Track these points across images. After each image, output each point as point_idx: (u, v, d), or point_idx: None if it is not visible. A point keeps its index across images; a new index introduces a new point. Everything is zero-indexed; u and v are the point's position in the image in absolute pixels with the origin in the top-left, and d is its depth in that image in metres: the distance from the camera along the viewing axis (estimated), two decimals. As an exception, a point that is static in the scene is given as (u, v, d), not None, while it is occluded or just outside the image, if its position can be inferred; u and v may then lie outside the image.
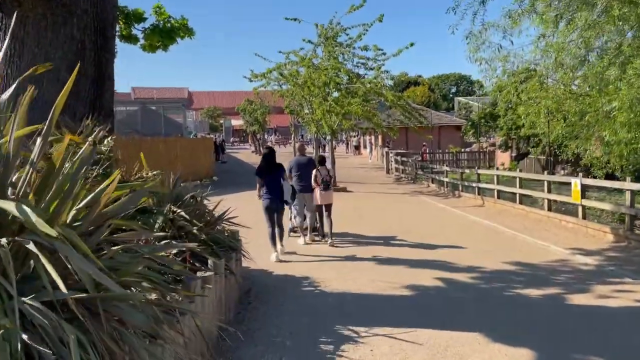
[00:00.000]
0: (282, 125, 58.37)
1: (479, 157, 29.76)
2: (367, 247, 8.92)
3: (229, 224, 6.16)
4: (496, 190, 15.00)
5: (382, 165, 31.56)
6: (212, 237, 5.22)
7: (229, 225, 6.22)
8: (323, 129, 20.58)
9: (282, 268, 7.50)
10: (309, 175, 9.08)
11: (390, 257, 8.16)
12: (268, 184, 8.05)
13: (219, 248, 5.13)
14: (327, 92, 19.26)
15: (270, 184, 8.05)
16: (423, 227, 11.28)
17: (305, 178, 9.09)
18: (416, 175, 23.31)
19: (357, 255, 8.33)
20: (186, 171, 22.31)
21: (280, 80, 20.80)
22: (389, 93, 18.08)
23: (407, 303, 5.78)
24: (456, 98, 68.57)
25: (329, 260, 7.99)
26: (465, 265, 7.54)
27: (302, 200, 9.14)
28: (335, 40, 19.86)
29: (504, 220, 12.22)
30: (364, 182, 23.42)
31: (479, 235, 10.32)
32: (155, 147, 20.20)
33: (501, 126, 21.93)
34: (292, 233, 9.79)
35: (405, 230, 10.59)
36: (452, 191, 18.51)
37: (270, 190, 8.04)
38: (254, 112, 41.12)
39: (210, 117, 65.57)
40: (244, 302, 5.79)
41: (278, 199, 8.08)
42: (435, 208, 15.11)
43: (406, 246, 9.01)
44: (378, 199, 17.58)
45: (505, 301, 5.84)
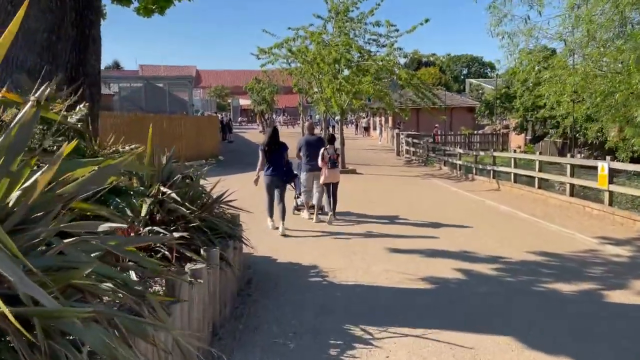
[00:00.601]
0: (290, 106, 57.58)
1: (492, 140, 28.92)
2: (379, 233, 8.31)
3: (229, 207, 5.55)
4: (513, 173, 14.29)
5: (392, 147, 30.82)
6: (208, 223, 4.62)
7: (229, 209, 5.61)
8: (332, 109, 19.87)
9: (287, 254, 6.92)
10: (318, 154, 9.05)
11: (404, 243, 7.55)
12: (271, 161, 8.28)
13: (214, 235, 4.53)
14: (337, 69, 18.50)
15: (273, 161, 8.28)
16: (437, 211, 10.64)
17: (314, 157, 9.09)
18: (428, 157, 22.58)
19: (369, 241, 7.72)
20: (191, 150, 21.80)
21: (288, 57, 20.06)
22: (403, 71, 17.26)
23: (426, 299, 5.17)
24: (467, 80, 67.25)
25: (337, 242, 7.40)
26: (486, 255, 6.92)
27: (311, 179, 9.20)
28: (346, 15, 19.02)
29: (522, 205, 11.55)
30: (373, 164, 22.75)
31: (498, 221, 9.67)
32: (158, 125, 19.58)
33: (517, 107, 21.09)
34: (295, 211, 9.88)
35: (418, 215, 9.96)
36: (465, 174, 17.81)
37: (273, 167, 8.28)
38: (261, 91, 40.39)
39: (218, 96, 64.78)
40: (243, 293, 5.21)
41: (280, 176, 8.34)
42: (448, 192, 14.45)
43: (420, 232, 8.39)
44: (388, 181, 16.93)
45: (537, 298, 5.22)
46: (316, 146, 9.17)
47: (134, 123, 18.56)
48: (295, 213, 9.82)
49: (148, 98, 22.91)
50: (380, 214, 10.08)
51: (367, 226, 8.87)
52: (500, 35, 10.26)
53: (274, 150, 8.32)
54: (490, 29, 10.19)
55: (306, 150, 9.15)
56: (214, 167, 21.61)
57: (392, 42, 18.36)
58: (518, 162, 14.67)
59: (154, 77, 23.56)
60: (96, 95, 5.49)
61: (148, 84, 23.17)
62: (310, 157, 9.11)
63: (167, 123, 20.03)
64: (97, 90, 5.54)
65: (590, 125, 14.73)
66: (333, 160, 9.19)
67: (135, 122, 18.62)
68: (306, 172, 9.16)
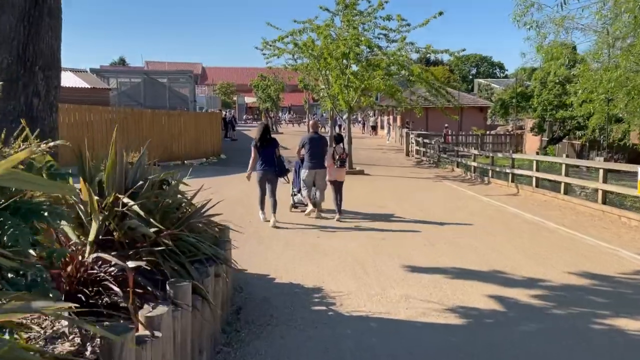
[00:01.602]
0: (296, 104, 56.67)
1: (505, 141, 27.79)
2: (392, 245, 7.27)
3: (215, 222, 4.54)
4: (535, 177, 13.20)
5: (400, 147, 29.76)
6: (184, 243, 3.60)
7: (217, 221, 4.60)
8: (340, 106, 18.83)
9: (287, 272, 5.89)
10: (320, 153, 9.13)
11: (423, 259, 6.51)
12: (262, 156, 8.52)
13: (191, 259, 3.51)
14: (346, 65, 17.46)
15: (264, 156, 8.51)
16: (456, 219, 9.58)
17: (316, 155, 9.10)
18: (439, 158, 21.49)
19: (381, 256, 6.68)
20: (190, 148, 20.83)
21: (294, 52, 19.04)
22: (415, 66, 16.16)
23: (459, 340, 4.12)
24: (476, 80, 65.98)
25: (346, 257, 6.37)
26: (521, 276, 5.86)
27: (311, 177, 9.15)
28: (355, 8, 17.98)
29: (549, 213, 10.47)
30: (382, 165, 21.70)
31: (525, 232, 8.59)
32: (157, 121, 18.64)
33: (535, 107, 19.96)
34: (293, 209, 9.89)
35: (435, 223, 8.92)
36: (480, 177, 16.72)
37: (264, 162, 8.51)
38: (267, 89, 39.39)
39: (223, 93, 63.86)
40: (229, 330, 4.18)
41: (272, 171, 8.55)
42: (464, 196, 13.36)
43: (441, 245, 7.34)
44: (399, 183, 15.87)
45: (599, 341, 4.17)
46: (319, 145, 9.17)
47: (130, 118, 17.60)
48: (292, 210, 9.81)
49: (147, 93, 21.95)
50: (392, 222, 9.05)
51: (378, 236, 7.84)
52: (528, 25, 9.21)
53: (265, 146, 8.55)
54: (516, 19, 9.09)
55: (309, 148, 9.08)
56: (214, 166, 20.70)
57: (403, 36, 17.30)
58: (541, 165, 13.56)
59: (154, 72, 22.61)
60: (53, 80, 4.49)
61: (148, 79, 22.21)
62: (312, 155, 9.07)
63: (166, 119, 19.05)
64: (56, 75, 4.54)
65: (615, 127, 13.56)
66: (342, 159, 9.40)
67: (132, 118, 17.66)
68: (307, 169, 9.10)
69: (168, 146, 19.02)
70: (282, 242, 7.40)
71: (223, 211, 8.04)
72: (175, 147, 19.42)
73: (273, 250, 6.92)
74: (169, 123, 19.13)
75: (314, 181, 9.21)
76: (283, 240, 7.51)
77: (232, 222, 5.12)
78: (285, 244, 7.26)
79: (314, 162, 9.06)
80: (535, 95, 19.72)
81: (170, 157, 19.30)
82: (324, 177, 9.22)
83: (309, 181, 9.19)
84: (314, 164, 9.06)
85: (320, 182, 9.22)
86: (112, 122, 17.00)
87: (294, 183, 9.89)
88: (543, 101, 19.32)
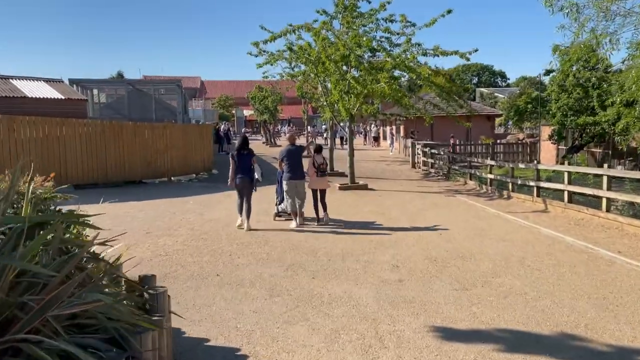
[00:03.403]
0: (297, 116, 55.26)
1: (517, 150, 26.05)
2: (415, 292, 5.49)
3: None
4: (567, 191, 11.42)
5: (405, 158, 28.05)
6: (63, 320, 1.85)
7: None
8: (340, 115, 17.15)
9: (267, 341, 4.11)
10: (299, 163, 9.45)
11: (458, 315, 4.74)
12: (240, 166, 9.13)
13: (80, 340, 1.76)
14: (346, 70, 15.79)
15: (241, 166, 9.13)
16: (485, 247, 7.81)
17: (294, 166, 9.41)
18: (449, 170, 19.73)
19: (401, 311, 4.91)
20: (178, 163, 19.13)
21: (290, 59, 17.43)
22: (424, 68, 14.42)
23: None
24: (478, 89, 64.55)
25: (351, 311, 4.61)
26: (606, 345, 4.08)
27: (293, 187, 9.39)
28: (355, 10, 16.37)
29: (594, 236, 8.69)
30: (387, 178, 19.95)
31: (577, 264, 6.79)
32: (139, 134, 16.94)
33: (553, 112, 18.25)
34: (277, 217, 10.08)
35: (464, 257, 7.15)
36: (498, 190, 14.96)
37: (241, 171, 9.12)
38: (264, 100, 37.79)
39: (222, 106, 62.46)
40: None
41: (247, 179, 9.11)
42: (485, 214, 11.59)
43: (478, 291, 5.56)
44: (408, 199, 14.09)
45: None
46: (297, 155, 9.50)
47: (109, 132, 15.89)
48: (275, 219, 9.97)
49: (132, 105, 20.29)
50: (406, 252, 7.28)
51: (392, 277, 6.06)
52: (566, 10, 7.49)
53: (242, 156, 9.16)
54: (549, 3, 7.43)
55: (287, 160, 9.39)
56: (204, 183, 19.00)
57: (409, 36, 15.62)
58: (573, 177, 11.80)
59: (139, 82, 20.94)
60: None
61: (133, 90, 20.55)
62: (291, 166, 9.38)
63: (149, 132, 17.34)
64: None
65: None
66: (322, 169, 9.83)
67: (110, 131, 15.95)
68: (287, 180, 9.37)
69: (152, 161, 17.31)
70: (265, 287, 5.63)
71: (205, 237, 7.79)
72: (160, 163, 17.70)
73: (252, 302, 5.14)
74: (153, 136, 17.43)
75: (296, 191, 9.42)
76: (268, 284, 5.75)
77: (204, 258, 3.35)
78: (269, 291, 5.49)
79: (293, 174, 9.38)
80: (554, 100, 18.02)
81: (155, 174, 17.60)
82: (304, 187, 9.58)
83: (292, 192, 9.38)
84: (293, 175, 9.37)
85: (301, 191, 9.49)
86: (88, 136, 15.33)
87: (277, 192, 10.16)
88: (563, 106, 17.59)
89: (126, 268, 3.97)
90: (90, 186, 15.39)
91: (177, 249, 7.51)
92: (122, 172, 16.23)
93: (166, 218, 10.38)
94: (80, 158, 15.11)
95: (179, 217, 10.50)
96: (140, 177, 16.94)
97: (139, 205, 12.22)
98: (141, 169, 16.93)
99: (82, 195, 14.10)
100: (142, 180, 17.09)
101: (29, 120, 14.01)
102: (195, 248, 7.60)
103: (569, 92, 17.56)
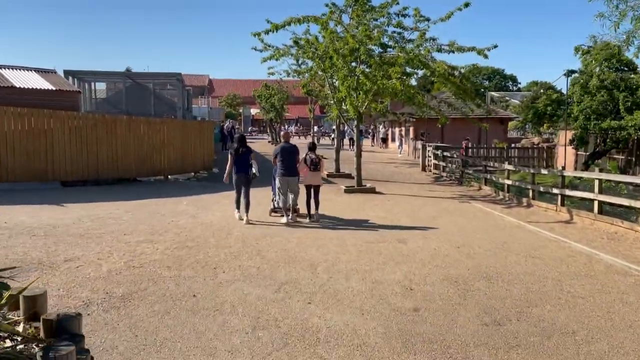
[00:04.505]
0: (304, 116, 54.37)
1: (532, 155, 24.88)
2: (436, 328, 4.43)
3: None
4: (597, 201, 10.30)
5: (414, 161, 26.95)
6: None
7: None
8: (348, 114, 16.09)
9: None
10: (293, 161, 9.70)
11: None
12: (238, 162, 9.50)
13: None
14: (355, 64, 14.72)
15: (240, 162, 9.50)
16: (511, 265, 6.72)
17: (287, 163, 9.64)
18: (462, 174, 18.61)
19: (413, 354, 3.84)
20: (175, 161, 18.12)
21: (297, 55, 16.42)
22: (440, 63, 13.27)
23: None
24: (488, 93, 63.37)
25: (357, 356, 3.58)
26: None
27: (285, 184, 9.64)
28: (366, 3, 15.32)
29: (635, 254, 7.58)
30: (396, 181, 18.86)
31: (631, 293, 5.67)
32: (134, 129, 15.94)
33: (575, 116, 17.09)
34: (273, 213, 10.28)
35: (483, 272, 6.08)
36: (516, 197, 13.84)
37: (239, 167, 9.50)
38: (270, 98, 36.78)
39: (229, 105, 61.58)
40: None
41: (245, 174, 9.48)
42: (505, 224, 10.48)
43: (508, 327, 4.48)
44: (419, 205, 13.00)
45: None
46: (290, 153, 9.73)
47: (101, 126, 14.91)
48: (272, 215, 10.17)
49: (130, 99, 19.30)
50: (420, 269, 6.21)
51: (405, 304, 4.99)
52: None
53: (241, 153, 9.53)
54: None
55: (281, 157, 9.65)
56: (202, 182, 17.97)
57: (423, 30, 14.50)
58: (604, 185, 10.68)
59: (138, 74, 19.95)
60: None
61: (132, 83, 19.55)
62: (284, 163, 9.64)
63: (145, 127, 16.34)
64: None
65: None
66: (315, 163, 9.94)
67: (103, 125, 14.96)
68: (280, 176, 9.65)
69: (148, 159, 16.32)
70: (250, 315, 4.57)
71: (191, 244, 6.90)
72: (156, 160, 16.71)
73: (230, 336, 4.09)
74: (149, 132, 16.43)
75: (288, 187, 9.66)
76: (253, 310, 4.69)
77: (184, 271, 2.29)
78: (254, 320, 4.44)
79: (286, 170, 9.62)
80: (576, 103, 16.87)
81: (151, 172, 16.61)
82: (297, 183, 9.78)
83: (284, 188, 9.65)
84: (285, 171, 9.61)
85: (294, 187, 9.72)
86: (78, 130, 14.36)
87: (273, 188, 10.45)
88: (585, 109, 16.43)
89: (75, 292, 2.91)
90: (79, 183, 14.42)
91: (155, 260, 6.48)
92: (114, 169, 15.25)
93: (153, 221, 9.37)
94: (69, 153, 14.13)
95: (167, 220, 9.49)
96: (134, 174, 15.95)
97: (127, 205, 11.22)
98: (135, 166, 15.94)
99: (67, 194, 13.28)
100: (137, 178, 16.11)
101: (12, 111, 13.05)
102: (177, 258, 6.57)
103: (592, 94, 16.41)
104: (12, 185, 13.06)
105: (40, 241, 7.28)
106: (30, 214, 9.59)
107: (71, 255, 6.56)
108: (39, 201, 11.26)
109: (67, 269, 5.91)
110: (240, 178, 9.54)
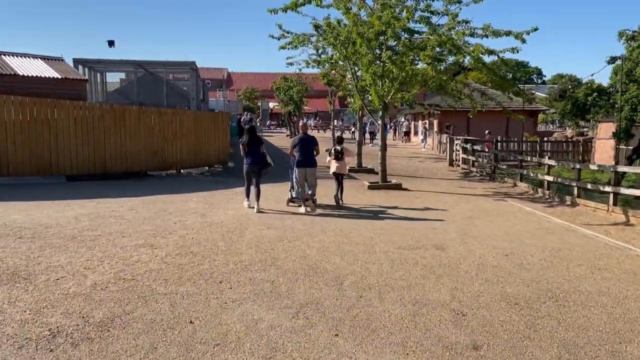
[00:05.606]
0: (323, 110, 53.27)
1: (567, 149, 23.40)
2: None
3: None
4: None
5: (439, 155, 25.70)
6: None
7: None
8: (372, 103, 14.93)
9: None
10: (310, 152, 9.81)
11: None
12: (250, 152, 9.68)
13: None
14: (380, 52, 13.55)
15: (251, 152, 9.69)
16: (575, 278, 5.56)
17: (305, 154, 9.75)
18: (495, 169, 17.32)
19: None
20: (189, 154, 16.93)
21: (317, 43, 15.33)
22: (477, 46, 11.98)
23: None
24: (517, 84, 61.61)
25: None
26: None
27: (303, 174, 9.74)
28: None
29: None
30: (422, 177, 17.69)
31: None
32: (144, 120, 15.03)
33: (619, 106, 15.66)
34: (290, 203, 10.25)
35: (547, 290, 4.94)
36: (558, 195, 12.58)
37: (251, 157, 9.70)
38: (289, 90, 35.73)
39: (247, 98, 60.80)
40: None
41: (256, 164, 9.70)
42: (552, 226, 9.27)
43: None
44: (451, 203, 11.82)
45: None
46: (309, 144, 9.84)
47: (109, 117, 14.01)
48: (289, 205, 10.17)
49: (142, 89, 18.40)
50: (469, 287, 5.09)
51: (457, 338, 3.89)
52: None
53: (252, 144, 9.62)
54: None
55: (300, 148, 9.76)
56: (216, 177, 17.02)
57: (454, 13, 13.25)
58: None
59: (150, 62, 19.04)
60: None
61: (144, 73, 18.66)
62: (302, 154, 9.76)
63: (156, 119, 15.42)
64: None
65: None
66: (338, 151, 10.52)
67: (111, 116, 14.07)
68: (298, 167, 9.76)
69: (159, 152, 15.42)
70: (259, 354, 3.51)
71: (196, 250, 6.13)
72: (168, 153, 15.80)
73: None
74: (160, 123, 15.51)
75: (306, 178, 9.79)
76: (263, 346, 3.63)
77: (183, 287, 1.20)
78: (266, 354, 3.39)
79: (304, 161, 9.77)
80: (619, 92, 15.46)
81: (162, 166, 15.70)
82: (314, 174, 9.97)
83: (301, 178, 9.77)
84: (303, 162, 9.76)
85: (311, 179, 9.87)
86: (85, 121, 13.48)
87: (290, 179, 10.40)
88: (631, 98, 15.01)
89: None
90: (86, 178, 13.56)
91: (152, 269, 5.48)
92: (123, 162, 14.36)
93: (158, 220, 8.39)
94: (75, 145, 13.27)
95: (174, 220, 8.50)
96: (144, 168, 15.06)
97: (132, 202, 10.28)
98: (146, 160, 15.04)
99: (71, 189, 12.39)
100: (147, 172, 15.21)
101: (13, 100, 12.21)
102: (177, 268, 5.57)
103: (639, 82, 15.00)
104: (13, 179, 12.25)
105: (24, 245, 6.35)
106: (25, 212, 8.70)
107: (55, 263, 5.60)
108: (38, 197, 10.40)
109: (45, 281, 4.94)
110: (251, 168, 9.69)
